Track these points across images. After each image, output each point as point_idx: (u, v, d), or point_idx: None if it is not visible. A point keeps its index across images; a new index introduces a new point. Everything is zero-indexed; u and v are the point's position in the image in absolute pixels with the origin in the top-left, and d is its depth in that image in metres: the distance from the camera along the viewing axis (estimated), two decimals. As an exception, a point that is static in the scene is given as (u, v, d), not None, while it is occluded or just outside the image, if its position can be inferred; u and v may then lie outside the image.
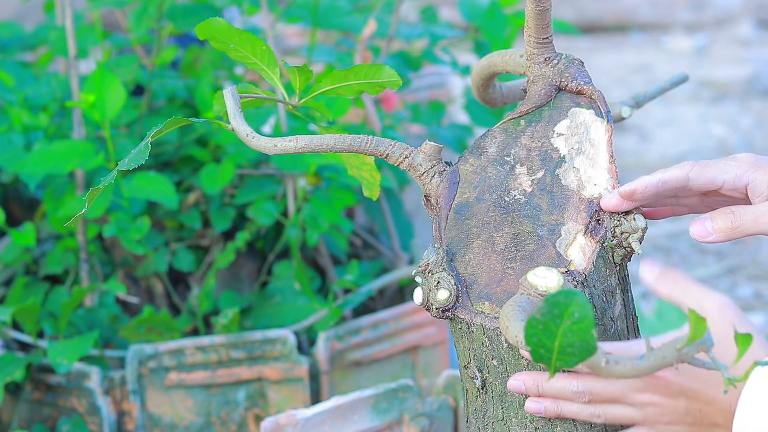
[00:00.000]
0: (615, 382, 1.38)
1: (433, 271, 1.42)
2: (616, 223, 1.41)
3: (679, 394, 1.35)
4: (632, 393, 1.37)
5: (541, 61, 1.47)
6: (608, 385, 1.38)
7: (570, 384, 1.39)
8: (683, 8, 6.47)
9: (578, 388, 1.39)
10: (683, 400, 1.35)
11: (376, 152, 1.45)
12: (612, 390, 1.38)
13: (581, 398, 1.39)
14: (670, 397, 1.35)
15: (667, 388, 1.35)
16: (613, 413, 1.39)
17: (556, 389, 1.39)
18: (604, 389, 1.38)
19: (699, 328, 1.11)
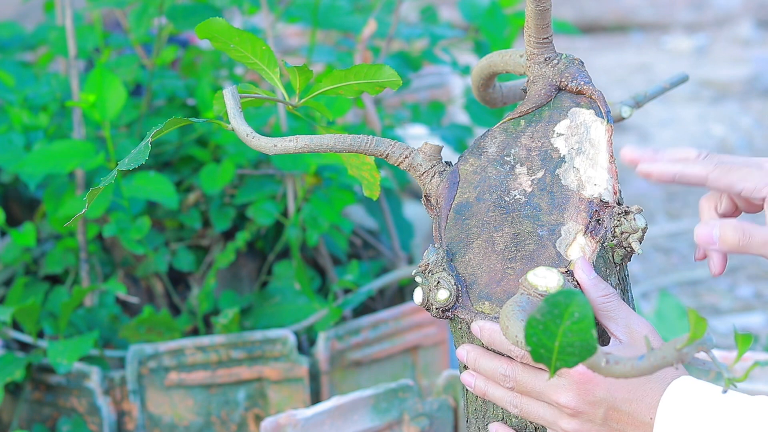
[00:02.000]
0: (539, 377, 1.37)
1: (433, 271, 1.42)
2: (616, 223, 1.41)
3: (601, 402, 1.33)
4: (551, 392, 1.36)
5: (541, 61, 1.47)
6: (531, 378, 1.38)
7: (500, 366, 1.40)
8: (683, 8, 6.47)
9: (505, 372, 1.39)
10: (603, 408, 1.34)
11: (376, 152, 1.45)
12: (533, 384, 1.38)
13: (506, 383, 1.39)
14: (590, 403, 1.34)
15: (591, 393, 1.33)
16: (529, 408, 1.39)
17: (488, 369, 1.41)
18: (527, 380, 1.38)
19: (699, 328, 1.11)
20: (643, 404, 1.32)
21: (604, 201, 1.42)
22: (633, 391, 1.32)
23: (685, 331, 2.57)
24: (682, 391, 1.30)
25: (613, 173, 1.44)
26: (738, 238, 1.33)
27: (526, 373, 1.38)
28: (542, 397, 1.38)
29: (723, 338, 3.09)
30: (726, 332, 3.14)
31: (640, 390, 1.32)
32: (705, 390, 1.29)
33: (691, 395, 1.29)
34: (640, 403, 1.32)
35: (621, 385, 1.33)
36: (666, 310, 2.68)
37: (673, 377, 1.32)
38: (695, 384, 1.30)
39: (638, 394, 1.32)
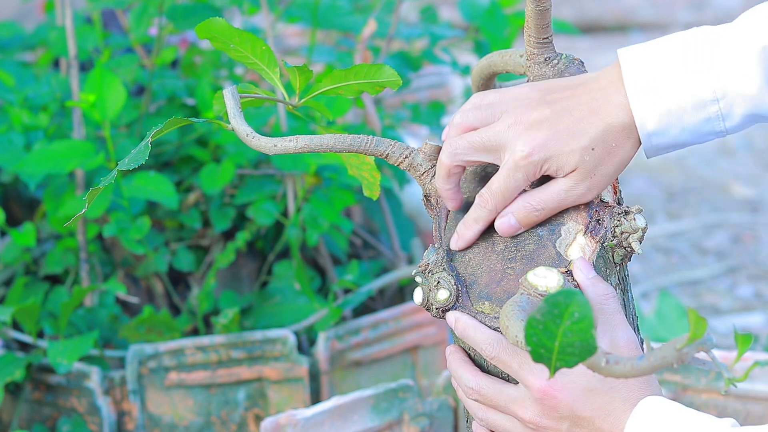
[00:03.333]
0: (502, 392, 1.37)
1: (433, 271, 1.42)
2: (616, 223, 1.41)
3: (565, 418, 1.33)
4: (515, 407, 1.36)
5: (541, 61, 1.47)
6: (495, 392, 1.38)
7: (465, 377, 1.40)
8: (683, 8, 6.47)
9: (470, 384, 1.40)
10: (567, 423, 1.33)
11: (376, 152, 1.45)
12: (497, 398, 1.38)
13: (471, 395, 1.40)
14: (553, 419, 1.33)
15: (554, 410, 1.33)
16: (495, 420, 1.39)
17: (459, 378, 1.41)
18: (490, 394, 1.38)
19: (699, 328, 1.11)
20: (607, 422, 1.31)
21: (604, 201, 1.42)
22: (597, 409, 1.32)
23: (685, 331, 2.57)
24: (651, 410, 1.29)
25: (613, 173, 1.44)
26: (535, 213, 1.39)
27: (490, 387, 1.38)
28: (506, 410, 1.37)
29: (723, 338, 3.09)
30: (726, 332, 3.14)
31: (605, 408, 1.32)
32: (673, 410, 1.29)
33: (660, 414, 1.29)
34: (604, 421, 1.32)
35: (584, 403, 1.32)
36: (666, 310, 2.68)
37: (638, 397, 1.31)
38: (664, 403, 1.30)
39: (602, 412, 1.32)
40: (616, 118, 1.36)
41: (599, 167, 1.37)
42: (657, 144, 1.38)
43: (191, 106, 2.33)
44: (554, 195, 1.38)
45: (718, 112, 1.35)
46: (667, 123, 1.36)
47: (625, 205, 1.43)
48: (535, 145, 1.36)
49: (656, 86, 1.35)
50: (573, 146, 1.36)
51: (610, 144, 1.37)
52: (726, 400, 1.93)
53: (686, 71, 1.35)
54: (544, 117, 1.37)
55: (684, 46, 1.36)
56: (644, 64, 1.36)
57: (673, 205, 4.10)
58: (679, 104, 1.35)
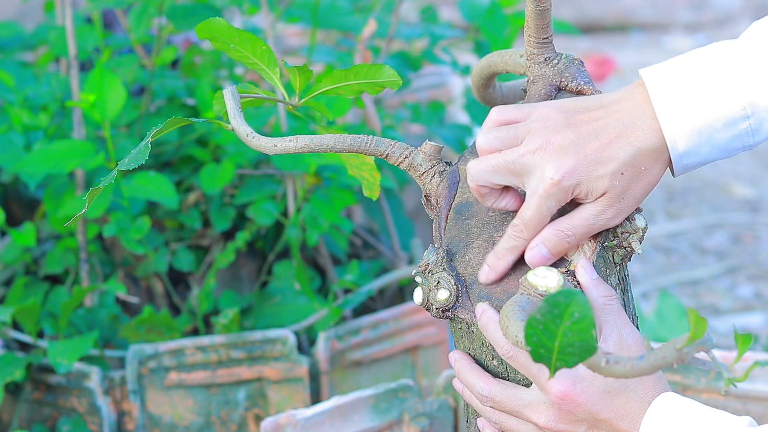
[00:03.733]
0: (516, 398, 1.37)
1: (433, 271, 1.42)
2: (616, 223, 1.41)
3: (582, 421, 1.33)
4: (529, 411, 1.36)
5: (541, 61, 1.47)
6: (509, 398, 1.37)
7: (478, 384, 1.40)
8: (683, 8, 6.47)
9: (483, 392, 1.40)
10: (584, 426, 1.33)
11: (376, 152, 1.45)
12: (512, 404, 1.37)
13: (485, 402, 1.39)
14: (570, 422, 1.33)
15: (572, 413, 1.33)
16: (509, 424, 1.39)
17: (469, 384, 1.41)
18: (504, 400, 1.38)
19: (699, 328, 1.11)
20: (624, 422, 1.32)
21: (604, 201, 1.42)
22: (615, 410, 1.32)
23: (685, 331, 2.57)
24: (666, 408, 1.30)
25: (613, 173, 1.44)
26: (566, 242, 1.37)
27: (503, 392, 1.38)
28: (521, 416, 1.37)
29: (723, 338, 3.09)
30: (726, 332, 3.14)
31: (622, 409, 1.32)
32: (688, 407, 1.29)
33: (675, 412, 1.29)
34: (622, 421, 1.32)
35: (603, 406, 1.32)
36: (666, 310, 2.68)
37: (654, 395, 1.31)
38: (678, 400, 1.30)
39: (620, 413, 1.32)
40: (646, 141, 1.35)
41: (628, 191, 1.36)
42: (687, 164, 1.37)
43: (191, 106, 2.33)
44: (584, 221, 1.37)
45: (749, 128, 1.35)
46: (698, 143, 1.35)
47: (625, 205, 1.43)
48: (565, 171, 1.34)
49: (686, 107, 1.34)
50: (602, 171, 1.35)
51: (639, 168, 1.35)
52: (726, 400, 1.93)
53: (714, 89, 1.34)
54: (570, 142, 1.35)
55: (709, 64, 1.35)
56: (671, 84, 1.35)
57: (673, 205, 4.10)
58: (710, 123, 1.34)
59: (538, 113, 1.38)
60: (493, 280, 1.40)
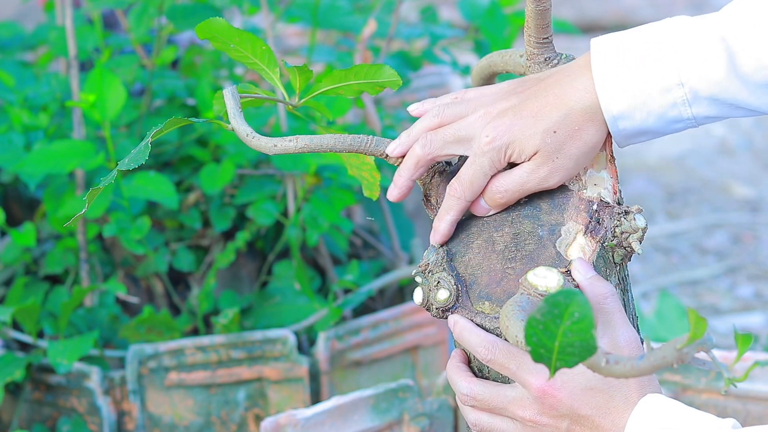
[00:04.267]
0: (499, 394, 1.37)
1: (433, 271, 1.42)
2: (616, 223, 1.41)
3: (565, 416, 1.33)
4: (513, 407, 1.36)
5: (541, 61, 1.47)
6: (492, 395, 1.38)
7: (461, 385, 1.40)
8: (683, 8, 6.47)
9: (464, 390, 1.40)
10: (566, 421, 1.33)
11: (376, 152, 1.45)
12: (495, 401, 1.38)
13: (467, 402, 1.40)
14: (552, 417, 1.34)
15: (554, 408, 1.33)
16: (489, 424, 1.39)
17: (452, 383, 1.42)
18: (487, 398, 1.38)
19: (699, 328, 1.11)
20: (606, 420, 1.32)
21: (604, 201, 1.42)
22: (596, 408, 1.32)
23: (685, 331, 2.57)
24: (651, 409, 1.30)
25: (612, 173, 1.44)
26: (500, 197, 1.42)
27: (485, 391, 1.38)
28: (504, 412, 1.37)
29: (723, 338, 3.09)
30: (726, 332, 3.14)
31: (605, 407, 1.32)
32: (674, 408, 1.29)
33: (660, 413, 1.29)
34: (604, 419, 1.32)
35: (584, 402, 1.32)
36: (666, 310, 2.68)
37: (638, 396, 1.31)
38: (663, 401, 1.30)
39: (601, 411, 1.32)
40: (579, 101, 1.39)
41: (562, 150, 1.39)
42: (624, 129, 1.39)
43: (191, 106, 2.33)
44: (516, 178, 1.41)
45: (684, 97, 1.37)
46: (632, 106, 1.37)
47: (625, 205, 1.43)
48: (499, 131, 1.39)
49: (622, 70, 1.37)
50: (534, 129, 1.39)
51: (572, 127, 1.39)
52: (726, 400, 1.93)
53: (652, 57, 1.37)
54: (511, 105, 1.40)
55: (652, 35, 1.38)
56: (613, 50, 1.38)
57: (673, 205, 4.10)
58: (644, 88, 1.37)
59: (492, 88, 1.45)
60: (439, 242, 1.44)
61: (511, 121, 1.39)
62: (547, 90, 1.40)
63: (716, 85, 1.36)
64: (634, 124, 1.39)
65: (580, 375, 1.32)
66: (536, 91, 1.40)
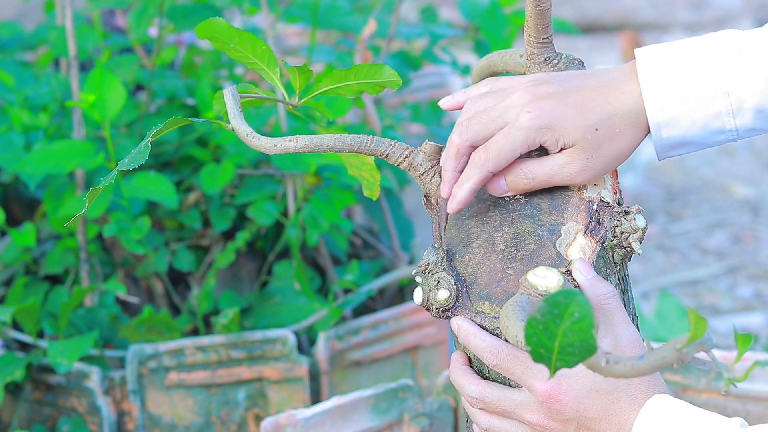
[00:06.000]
0: (507, 398, 1.37)
1: (433, 271, 1.42)
2: (616, 223, 1.41)
3: (572, 420, 1.33)
4: (521, 411, 1.36)
5: (541, 61, 1.47)
6: (500, 398, 1.38)
7: (469, 388, 1.40)
8: (683, 8, 6.47)
9: (473, 393, 1.40)
10: (573, 425, 1.34)
11: (376, 152, 1.45)
12: (502, 404, 1.38)
13: (475, 404, 1.40)
14: (559, 421, 1.34)
15: (560, 413, 1.33)
16: (498, 428, 1.39)
17: (459, 386, 1.42)
18: (495, 401, 1.38)
19: (699, 328, 1.11)
20: (612, 423, 1.32)
21: (604, 201, 1.42)
22: (602, 410, 1.32)
23: (685, 331, 2.57)
24: (658, 410, 1.30)
25: (612, 173, 1.44)
26: (523, 180, 1.40)
27: (494, 394, 1.38)
28: (512, 416, 1.38)
29: (723, 338, 3.09)
30: (726, 332, 3.14)
31: (610, 410, 1.32)
32: (681, 408, 1.29)
33: (667, 413, 1.29)
34: (610, 422, 1.32)
35: (589, 405, 1.32)
36: (666, 310, 2.68)
37: (644, 397, 1.31)
38: (670, 402, 1.30)
39: (607, 413, 1.32)
40: (625, 103, 1.37)
41: (599, 149, 1.38)
42: (667, 137, 1.38)
43: (191, 106, 2.33)
44: (548, 167, 1.39)
45: (729, 107, 1.37)
46: (678, 114, 1.37)
47: (625, 205, 1.43)
48: (542, 111, 1.36)
49: (669, 78, 1.37)
50: (578, 121, 1.37)
51: (614, 128, 1.37)
52: (726, 400, 1.93)
53: (699, 66, 1.37)
54: (555, 90, 1.38)
55: (699, 45, 1.38)
56: (659, 59, 1.38)
57: (673, 205, 4.10)
58: (690, 96, 1.36)
59: (526, 77, 1.42)
60: (456, 210, 1.41)
61: (554, 104, 1.37)
62: (591, 87, 1.38)
63: (761, 93, 1.36)
64: (677, 133, 1.38)
65: (584, 378, 1.32)
66: (580, 85, 1.38)
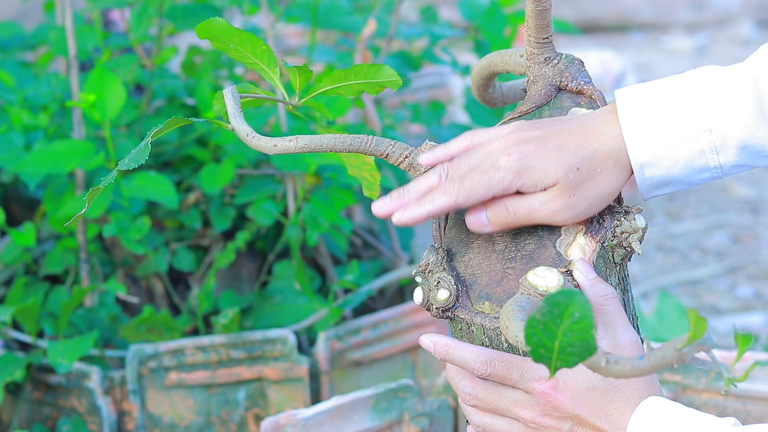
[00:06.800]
0: (502, 395, 1.37)
1: (433, 270, 1.42)
2: (616, 222, 1.41)
3: (567, 418, 1.33)
4: (516, 408, 1.36)
5: (541, 61, 1.47)
6: (495, 395, 1.38)
7: (464, 384, 1.40)
8: (683, 8, 6.47)
9: (467, 390, 1.39)
10: (569, 423, 1.34)
11: (376, 152, 1.45)
12: (497, 401, 1.38)
13: (469, 401, 1.39)
14: (555, 418, 1.34)
15: (556, 410, 1.33)
16: (492, 425, 1.39)
17: (454, 384, 1.41)
18: (490, 398, 1.38)
19: (699, 328, 1.11)
20: (607, 422, 1.32)
21: (604, 201, 1.42)
22: (598, 408, 1.32)
23: (685, 331, 2.57)
24: (652, 410, 1.30)
25: (613, 173, 1.44)
26: (504, 216, 1.39)
27: (489, 390, 1.38)
28: (507, 413, 1.38)
29: (723, 338, 3.10)
30: (726, 332, 3.14)
31: (605, 408, 1.32)
32: (675, 409, 1.29)
33: (661, 414, 1.29)
34: (605, 421, 1.32)
35: (585, 403, 1.32)
36: (666, 310, 2.68)
37: (640, 398, 1.32)
38: (665, 403, 1.30)
39: (603, 412, 1.32)
40: (606, 143, 1.37)
41: (580, 188, 1.37)
42: (651, 177, 1.38)
43: (191, 106, 2.33)
44: (529, 204, 1.38)
45: (712, 144, 1.37)
46: (660, 153, 1.37)
47: (625, 205, 1.43)
48: (522, 153, 1.36)
49: (650, 117, 1.37)
50: (558, 161, 1.36)
51: (595, 168, 1.37)
52: (726, 400, 1.93)
53: (680, 104, 1.37)
54: (534, 135, 1.38)
55: (680, 83, 1.38)
56: (640, 98, 1.38)
57: (673, 205, 4.10)
58: (672, 135, 1.36)
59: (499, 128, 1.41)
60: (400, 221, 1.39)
61: (535, 148, 1.37)
62: (572, 130, 1.38)
63: (743, 129, 1.36)
64: (660, 172, 1.38)
65: (582, 375, 1.32)
66: (560, 129, 1.39)
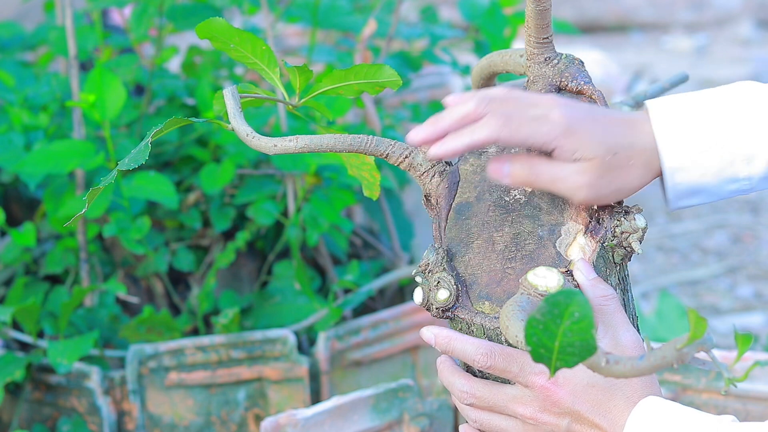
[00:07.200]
0: (500, 392, 1.37)
1: (433, 271, 1.42)
2: (616, 222, 1.41)
3: (566, 414, 1.33)
4: (514, 404, 1.36)
5: (541, 61, 1.47)
6: (492, 393, 1.37)
7: (460, 383, 1.40)
8: (683, 8, 6.47)
9: (463, 388, 1.39)
10: (567, 419, 1.34)
11: (376, 152, 1.45)
12: (495, 398, 1.37)
13: (466, 399, 1.39)
14: (554, 414, 1.34)
15: (555, 405, 1.33)
16: (489, 422, 1.39)
17: (449, 384, 1.41)
18: (487, 395, 1.38)
19: (699, 328, 1.11)
20: (606, 420, 1.32)
21: (604, 201, 1.42)
22: (597, 405, 1.32)
23: (685, 331, 2.57)
24: (651, 409, 1.30)
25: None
26: (527, 174, 1.37)
27: (486, 388, 1.38)
28: (505, 410, 1.37)
29: (723, 338, 3.10)
30: (726, 332, 3.14)
31: (605, 405, 1.32)
32: (673, 408, 1.29)
33: (660, 413, 1.29)
34: (604, 418, 1.32)
35: (585, 399, 1.32)
36: (666, 310, 2.68)
37: (640, 397, 1.32)
38: (663, 403, 1.30)
39: (602, 409, 1.32)
40: (644, 140, 1.37)
41: (610, 173, 1.36)
42: (680, 183, 1.38)
43: (191, 106, 2.33)
44: (556, 171, 1.36)
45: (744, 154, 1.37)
46: (690, 159, 1.37)
47: (625, 205, 1.43)
48: (575, 117, 1.35)
49: (682, 124, 1.37)
50: (603, 138, 1.35)
51: (629, 159, 1.37)
52: (726, 400, 1.93)
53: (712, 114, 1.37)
54: (585, 108, 1.37)
55: (712, 94, 1.38)
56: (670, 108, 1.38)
57: (673, 205, 4.09)
58: (703, 143, 1.36)
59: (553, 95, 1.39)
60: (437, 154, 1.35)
61: (585, 117, 1.35)
62: (615, 116, 1.38)
63: None
64: (690, 179, 1.38)
65: (582, 372, 1.32)
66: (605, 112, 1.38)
